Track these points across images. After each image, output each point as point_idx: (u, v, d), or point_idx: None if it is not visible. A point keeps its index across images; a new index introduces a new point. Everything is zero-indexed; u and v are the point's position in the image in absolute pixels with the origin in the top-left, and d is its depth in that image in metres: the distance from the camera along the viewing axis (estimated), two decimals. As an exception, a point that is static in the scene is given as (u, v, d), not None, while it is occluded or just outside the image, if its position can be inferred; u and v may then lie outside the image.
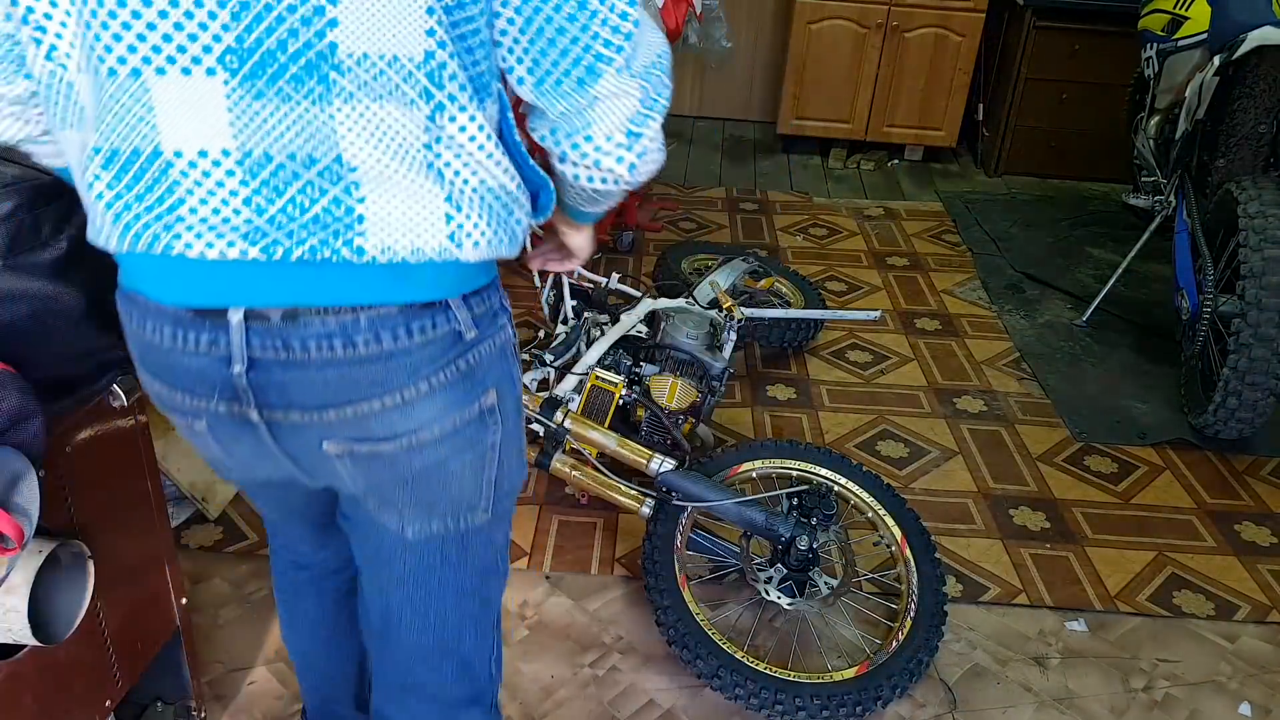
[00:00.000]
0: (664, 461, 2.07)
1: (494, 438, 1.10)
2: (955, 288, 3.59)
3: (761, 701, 1.78)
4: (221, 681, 1.86)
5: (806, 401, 2.85)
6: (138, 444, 1.47)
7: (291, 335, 0.96)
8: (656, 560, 1.98)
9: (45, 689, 1.31)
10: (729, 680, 1.80)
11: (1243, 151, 2.87)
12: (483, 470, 1.12)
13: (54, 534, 1.28)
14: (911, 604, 1.98)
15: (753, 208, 4.23)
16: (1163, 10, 3.13)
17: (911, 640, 1.91)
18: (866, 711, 1.80)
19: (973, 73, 4.59)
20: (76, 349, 1.25)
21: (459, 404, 1.05)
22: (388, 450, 1.05)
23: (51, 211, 1.18)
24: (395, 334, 0.98)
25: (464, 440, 1.07)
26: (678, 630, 1.87)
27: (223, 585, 2.08)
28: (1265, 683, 2.00)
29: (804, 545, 1.94)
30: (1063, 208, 4.37)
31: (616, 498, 2.14)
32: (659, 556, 1.99)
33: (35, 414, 1.11)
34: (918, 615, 1.96)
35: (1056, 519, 2.43)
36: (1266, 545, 2.38)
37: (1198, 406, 2.72)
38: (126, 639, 1.48)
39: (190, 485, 2.20)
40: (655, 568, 1.97)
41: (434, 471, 1.08)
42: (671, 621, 1.88)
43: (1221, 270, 2.71)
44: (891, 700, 1.83)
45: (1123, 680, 1.99)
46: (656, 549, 2.00)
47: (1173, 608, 2.18)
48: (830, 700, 1.78)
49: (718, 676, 1.81)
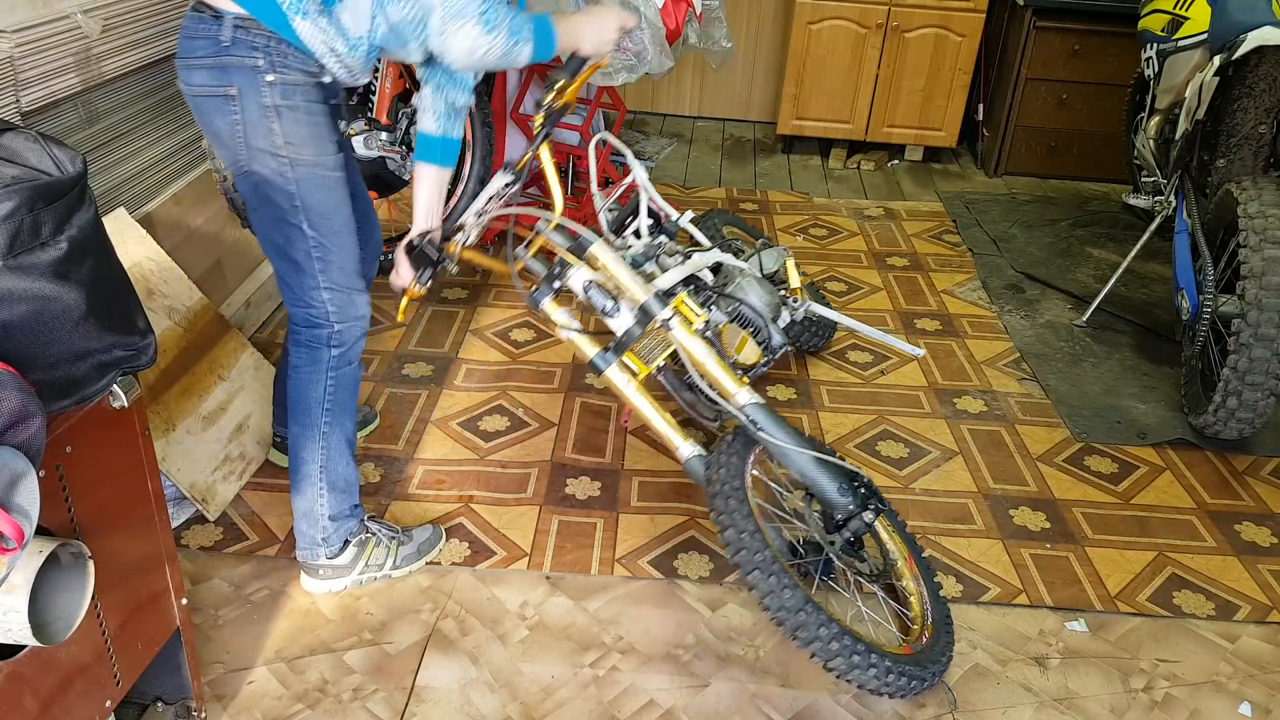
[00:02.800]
0: (753, 393, 2.01)
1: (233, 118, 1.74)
2: (955, 288, 3.59)
3: (839, 649, 1.74)
4: (221, 681, 1.87)
5: (807, 401, 2.85)
6: (138, 444, 1.47)
7: None
8: (727, 493, 1.87)
9: (45, 689, 1.31)
10: (811, 619, 1.74)
11: (1243, 151, 2.87)
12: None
13: (54, 534, 1.28)
14: (928, 611, 1.99)
15: (753, 208, 4.23)
16: (1163, 10, 3.13)
17: (937, 639, 1.94)
18: (920, 688, 1.82)
19: (973, 73, 4.60)
20: (76, 349, 1.25)
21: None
22: None
23: (51, 211, 1.18)
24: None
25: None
26: (755, 561, 1.77)
27: (223, 585, 2.09)
28: (1265, 683, 2.00)
29: (869, 519, 1.90)
30: (1063, 208, 4.37)
31: (664, 427, 2.05)
32: (729, 489, 1.88)
33: (35, 414, 1.11)
34: (935, 621, 1.98)
35: (1056, 519, 2.43)
36: (1266, 545, 2.38)
37: (1198, 406, 2.72)
38: (126, 639, 1.48)
39: (190, 485, 2.20)
40: (727, 502, 1.86)
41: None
42: (751, 551, 1.78)
43: (1221, 270, 2.71)
44: (927, 687, 1.85)
45: (1123, 680, 1.99)
46: (726, 481, 1.89)
47: (1173, 608, 2.18)
48: (893, 667, 1.78)
49: (803, 612, 1.74)
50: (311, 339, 1.94)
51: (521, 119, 3.58)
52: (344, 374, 1.96)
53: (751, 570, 1.79)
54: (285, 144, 1.75)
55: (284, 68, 1.71)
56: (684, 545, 2.27)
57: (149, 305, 2.25)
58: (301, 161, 1.77)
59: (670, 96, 5.30)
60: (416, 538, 2.16)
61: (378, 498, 2.36)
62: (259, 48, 1.69)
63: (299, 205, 1.80)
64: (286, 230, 1.84)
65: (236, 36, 1.69)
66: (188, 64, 1.75)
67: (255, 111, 1.73)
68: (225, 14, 1.69)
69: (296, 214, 1.81)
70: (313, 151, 1.78)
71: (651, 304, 2.02)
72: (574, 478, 2.48)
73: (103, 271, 1.28)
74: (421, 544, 2.16)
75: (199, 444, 2.27)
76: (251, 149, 1.76)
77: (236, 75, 1.71)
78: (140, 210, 2.52)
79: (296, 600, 2.06)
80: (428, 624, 2.02)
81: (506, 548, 2.23)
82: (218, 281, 2.83)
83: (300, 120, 1.75)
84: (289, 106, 1.74)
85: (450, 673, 1.91)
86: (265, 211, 1.84)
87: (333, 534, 2.03)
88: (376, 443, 2.55)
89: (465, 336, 3.09)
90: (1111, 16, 4.28)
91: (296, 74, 1.72)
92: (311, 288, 1.89)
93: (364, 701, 1.83)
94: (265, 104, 1.72)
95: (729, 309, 2.41)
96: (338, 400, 1.97)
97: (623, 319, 2.05)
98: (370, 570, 2.09)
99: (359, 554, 2.07)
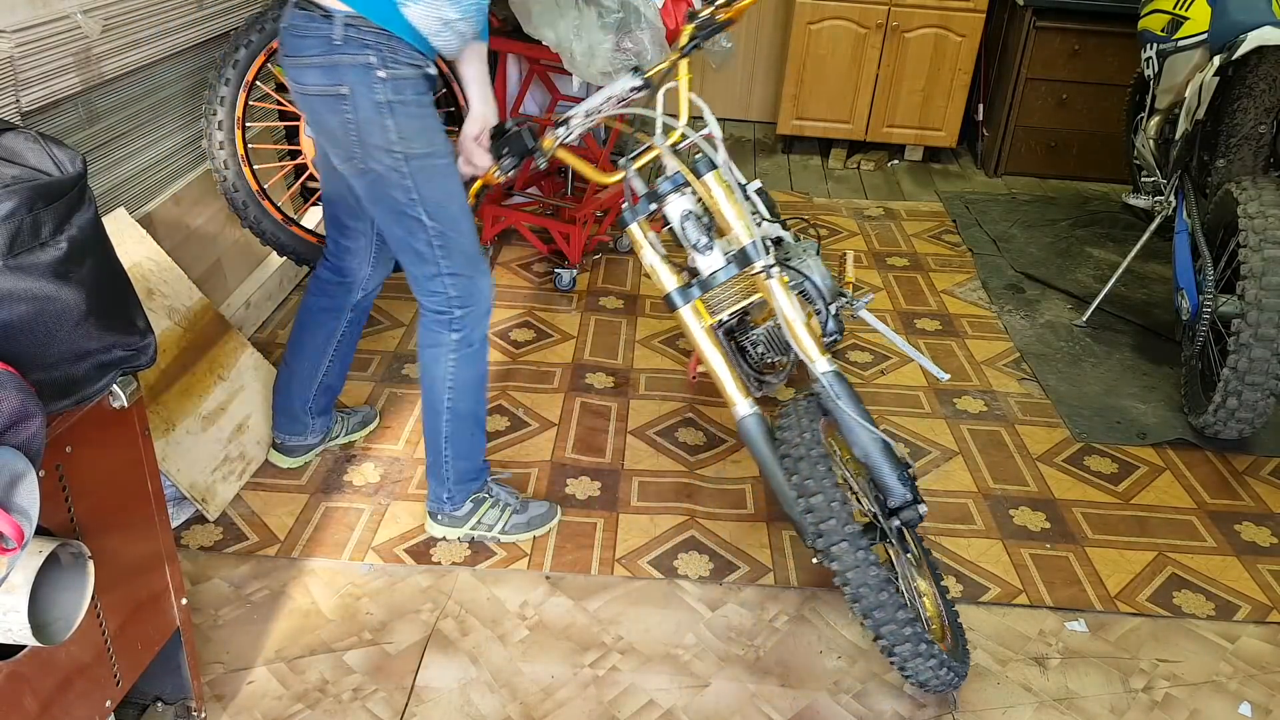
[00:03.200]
0: (834, 362, 1.94)
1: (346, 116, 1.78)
2: (955, 288, 3.59)
3: (909, 636, 1.72)
4: (221, 681, 1.87)
5: (806, 401, 2.85)
6: (138, 444, 1.47)
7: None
8: (814, 458, 1.80)
9: (45, 689, 1.31)
10: (890, 601, 1.70)
11: (1243, 151, 2.87)
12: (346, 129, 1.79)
13: (54, 534, 1.28)
14: (942, 612, 1.99)
15: (753, 208, 4.22)
16: (1163, 10, 3.13)
17: (957, 640, 1.94)
18: (958, 685, 1.82)
19: (973, 73, 4.60)
20: (76, 349, 1.25)
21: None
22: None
23: (51, 211, 1.18)
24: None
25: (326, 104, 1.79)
26: (844, 533, 1.72)
27: (223, 585, 2.09)
28: (1265, 683, 2.00)
29: (922, 511, 1.86)
30: (1063, 208, 4.37)
31: (728, 379, 1.98)
32: (816, 455, 1.81)
33: (35, 414, 1.11)
34: (950, 622, 1.98)
35: (1056, 519, 2.43)
36: (1266, 545, 2.38)
37: (1198, 406, 2.72)
38: (126, 639, 1.48)
39: (190, 485, 2.20)
40: (814, 467, 1.79)
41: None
42: (840, 522, 1.73)
43: (1221, 270, 2.71)
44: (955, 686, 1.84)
45: (1123, 680, 1.99)
46: (811, 446, 1.83)
47: (1173, 608, 2.18)
48: (945, 661, 1.76)
49: (885, 593, 1.70)
50: (436, 323, 2.00)
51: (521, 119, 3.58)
52: (465, 354, 2.02)
53: (838, 541, 1.73)
54: (399, 139, 1.78)
55: (394, 63, 1.75)
56: (684, 545, 2.27)
57: (149, 305, 2.25)
58: (415, 155, 1.81)
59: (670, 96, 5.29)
60: (531, 510, 2.24)
61: (378, 498, 2.36)
62: (370, 45, 1.73)
63: (416, 198, 1.84)
64: (406, 223, 1.87)
65: (348, 35, 1.72)
66: (298, 63, 1.78)
67: (368, 109, 1.76)
68: (335, 13, 1.72)
69: (414, 206, 1.85)
70: (425, 144, 1.81)
71: (757, 248, 1.94)
72: (574, 478, 2.48)
73: (103, 271, 1.28)
74: (534, 517, 2.24)
75: (199, 444, 2.27)
76: (366, 146, 1.79)
77: (348, 74, 1.74)
78: (140, 210, 2.52)
79: (296, 600, 2.06)
80: (428, 624, 2.02)
81: (506, 547, 2.23)
82: (218, 281, 2.83)
83: (412, 114, 1.79)
84: (400, 102, 1.77)
85: (450, 673, 1.91)
86: (383, 206, 1.88)
87: (457, 494, 2.16)
88: (376, 443, 2.55)
89: (465, 336, 3.09)
90: (1111, 16, 4.28)
91: (405, 68, 1.76)
92: (434, 275, 1.93)
93: (364, 701, 1.83)
94: (378, 101, 1.75)
95: (794, 282, 2.32)
96: (459, 378, 2.04)
97: (712, 259, 1.98)
98: (480, 529, 2.20)
99: (473, 510, 2.19)
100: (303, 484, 2.39)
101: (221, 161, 2.63)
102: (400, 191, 1.84)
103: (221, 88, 2.59)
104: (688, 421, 2.73)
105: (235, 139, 2.63)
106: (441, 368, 2.02)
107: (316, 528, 2.25)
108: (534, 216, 3.53)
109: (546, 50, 3.06)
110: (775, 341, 2.20)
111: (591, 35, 2.88)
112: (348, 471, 2.44)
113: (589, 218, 3.50)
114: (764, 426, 1.97)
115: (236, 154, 2.64)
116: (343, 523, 2.27)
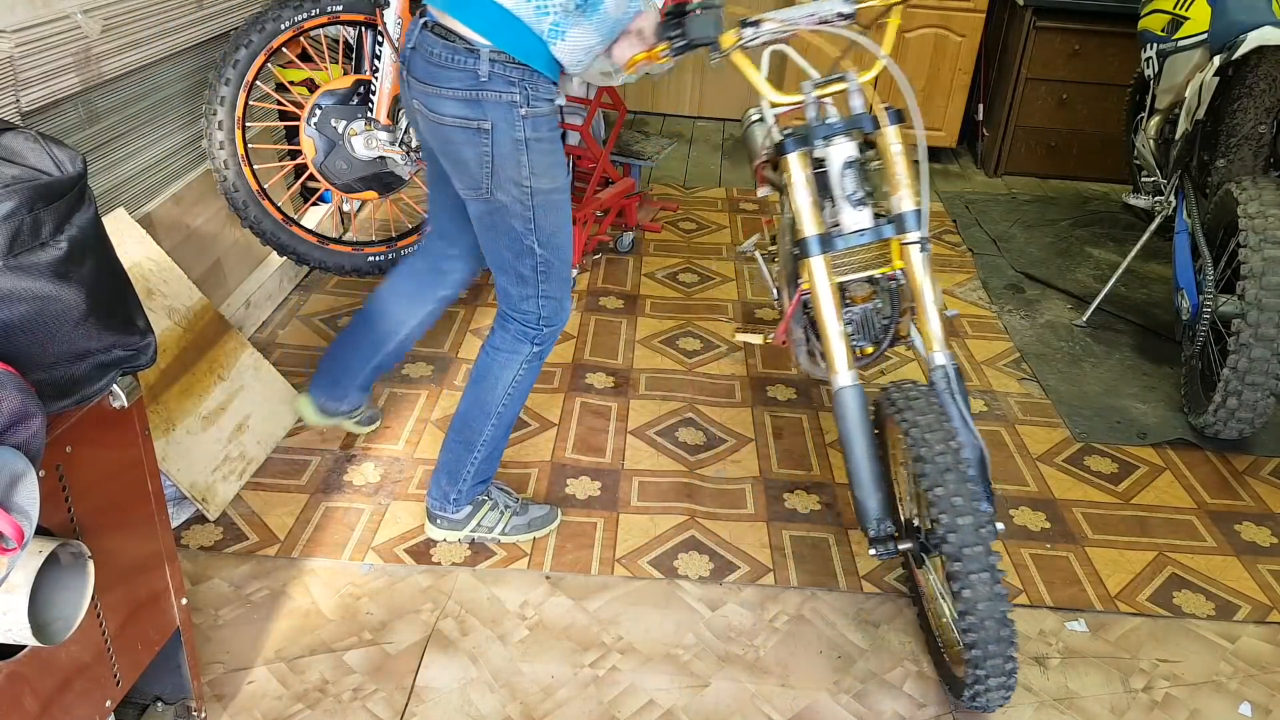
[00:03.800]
0: (951, 355, 1.88)
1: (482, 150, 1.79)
2: (955, 288, 3.59)
3: (1004, 652, 1.66)
4: (221, 681, 1.87)
5: (806, 401, 2.85)
6: (138, 444, 1.47)
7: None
8: (923, 435, 1.74)
9: (45, 689, 1.31)
10: (1003, 609, 1.64)
11: (1243, 151, 2.87)
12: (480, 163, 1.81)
13: (54, 534, 1.28)
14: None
15: (753, 208, 4.23)
16: (1163, 10, 3.13)
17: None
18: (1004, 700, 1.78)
19: (973, 73, 4.60)
20: (76, 349, 1.25)
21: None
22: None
23: (51, 211, 1.18)
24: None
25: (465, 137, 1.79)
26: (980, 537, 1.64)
27: (223, 585, 2.09)
28: (1265, 683, 2.00)
29: (1001, 529, 1.76)
30: (1063, 208, 4.37)
31: (838, 342, 1.88)
32: (931, 435, 1.73)
33: (35, 414, 1.11)
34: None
35: (1056, 519, 2.43)
36: (1266, 545, 2.38)
37: (1198, 406, 2.72)
38: (126, 639, 1.48)
39: (190, 485, 2.20)
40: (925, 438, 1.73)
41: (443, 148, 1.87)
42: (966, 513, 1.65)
43: (1221, 270, 2.71)
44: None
45: (1123, 680, 1.99)
46: (929, 425, 1.75)
47: (1173, 608, 2.18)
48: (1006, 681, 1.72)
49: (1001, 603, 1.64)
50: (519, 334, 2.04)
51: (521, 119, 3.58)
52: (534, 367, 2.08)
53: (974, 544, 1.63)
54: (529, 174, 1.81)
55: (535, 100, 1.76)
56: (684, 545, 2.27)
57: (149, 305, 2.25)
58: (541, 190, 1.84)
59: (670, 97, 5.30)
60: (532, 513, 2.26)
61: (378, 498, 2.36)
62: (514, 82, 1.73)
63: (533, 228, 1.88)
64: (517, 249, 1.91)
65: (494, 71, 1.72)
66: (438, 93, 1.77)
67: (507, 145, 1.78)
68: (480, 48, 1.71)
69: (529, 236, 1.89)
70: (550, 179, 1.85)
71: (921, 217, 1.84)
72: (574, 478, 2.48)
73: (103, 271, 1.28)
74: (534, 519, 2.26)
75: (199, 444, 2.27)
76: (497, 179, 1.82)
77: (492, 110, 1.75)
78: (140, 210, 2.52)
79: (296, 600, 2.06)
80: (428, 624, 2.02)
81: (506, 547, 2.23)
82: (218, 281, 2.83)
83: (545, 151, 1.82)
84: (536, 139, 1.79)
85: (450, 673, 1.91)
86: (498, 233, 1.91)
87: (464, 496, 2.16)
88: (376, 443, 2.55)
89: (465, 336, 3.09)
90: (1111, 16, 4.28)
91: (544, 105, 1.78)
92: (530, 297, 1.98)
93: (364, 701, 1.83)
94: (517, 138, 1.78)
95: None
96: (520, 388, 2.09)
97: (860, 217, 1.88)
98: (481, 530, 2.22)
99: (473, 513, 2.20)
100: (303, 484, 2.39)
101: (221, 161, 2.63)
102: (520, 222, 1.87)
103: (221, 88, 2.60)
104: (688, 421, 2.73)
105: (235, 139, 2.63)
106: (510, 374, 2.06)
107: (316, 528, 2.25)
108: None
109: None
110: (870, 326, 2.03)
111: (591, 35, 2.87)
112: (348, 471, 2.44)
113: (589, 218, 3.50)
114: (863, 401, 1.87)
115: (236, 154, 2.64)
116: (343, 523, 2.27)
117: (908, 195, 1.87)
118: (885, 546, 1.84)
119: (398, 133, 2.74)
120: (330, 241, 2.81)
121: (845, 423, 1.87)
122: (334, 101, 2.73)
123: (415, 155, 2.76)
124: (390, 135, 2.73)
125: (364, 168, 2.78)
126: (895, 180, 1.90)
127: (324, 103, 2.73)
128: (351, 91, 2.76)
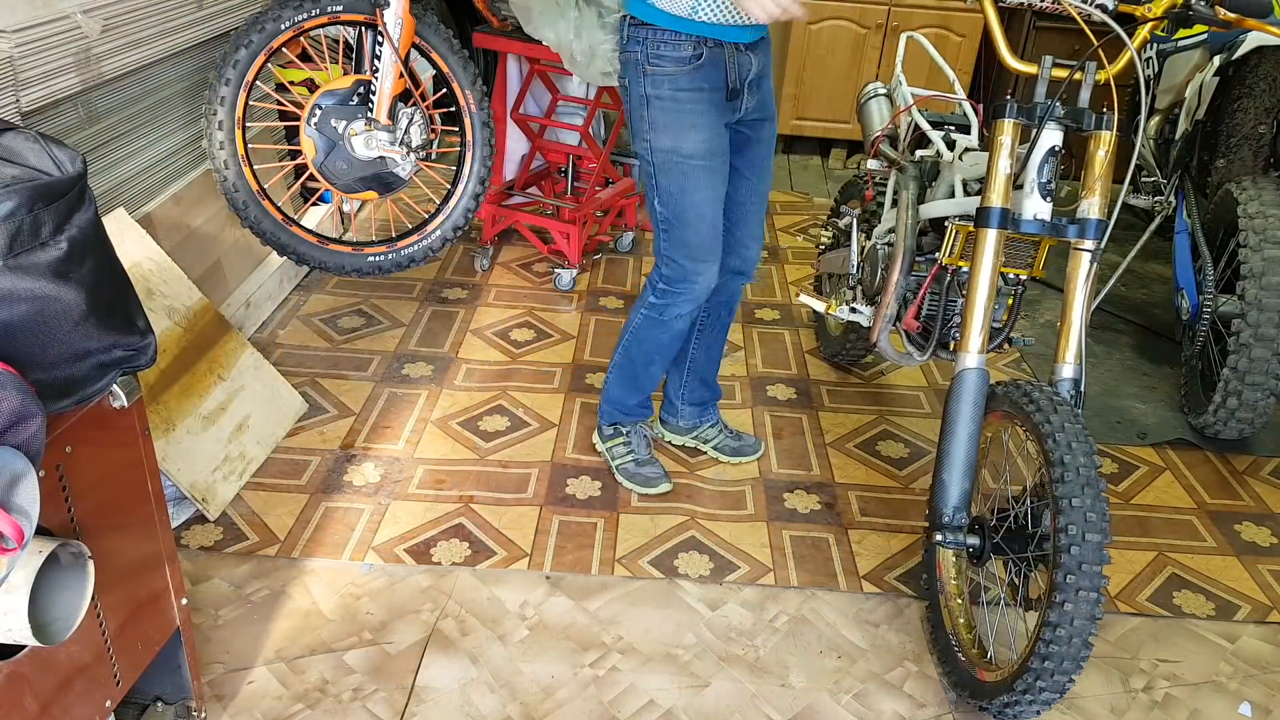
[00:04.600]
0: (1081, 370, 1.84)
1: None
2: (955, 288, 3.58)
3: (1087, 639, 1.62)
4: (221, 681, 1.87)
5: (806, 402, 2.85)
6: (138, 444, 1.47)
7: None
8: (1068, 443, 1.68)
9: (45, 689, 1.31)
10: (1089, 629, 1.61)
11: (1243, 151, 2.87)
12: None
13: (54, 534, 1.28)
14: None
15: (753, 208, 4.22)
16: (1163, 10, 3.12)
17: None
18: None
19: (973, 73, 4.59)
20: (76, 349, 1.25)
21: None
22: None
23: (51, 211, 1.18)
24: None
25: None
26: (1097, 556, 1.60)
27: (223, 585, 2.09)
28: (1265, 683, 2.00)
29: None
30: (1063, 208, 4.36)
31: (980, 325, 1.85)
32: (1077, 444, 1.68)
33: (35, 414, 1.11)
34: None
35: (1056, 519, 2.43)
36: (1266, 545, 2.38)
37: (1198, 406, 2.72)
38: (126, 639, 1.48)
39: (190, 485, 2.20)
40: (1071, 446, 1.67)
41: None
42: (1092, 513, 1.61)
43: (1221, 270, 2.71)
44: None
45: (1123, 680, 1.99)
46: (1076, 435, 1.70)
47: (1173, 608, 2.18)
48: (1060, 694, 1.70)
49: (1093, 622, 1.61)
50: (650, 279, 2.24)
51: (521, 119, 3.58)
52: (652, 319, 2.24)
53: (1095, 565, 1.60)
54: (649, 129, 2.03)
55: (657, 58, 1.96)
56: (684, 545, 2.27)
57: (149, 305, 2.25)
58: (661, 149, 2.03)
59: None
60: (648, 471, 2.44)
61: (378, 498, 2.36)
62: (640, 41, 1.96)
63: (654, 185, 2.09)
64: (651, 198, 2.13)
65: (628, 34, 1.98)
66: (620, 59, 2.06)
67: (636, 100, 2.03)
68: (625, 15, 1.99)
69: (653, 190, 2.10)
70: (670, 138, 2.02)
71: (1102, 228, 1.87)
72: (574, 478, 2.48)
73: (103, 271, 1.28)
74: (651, 477, 2.43)
75: (199, 444, 2.27)
76: (633, 130, 2.07)
77: (627, 69, 2.02)
78: (140, 210, 2.52)
79: (296, 600, 2.06)
80: (428, 624, 2.02)
81: (506, 548, 2.23)
82: (218, 281, 2.83)
83: (665, 109, 1.99)
84: (656, 96, 1.99)
85: (450, 673, 1.91)
86: (642, 181, 2.21)
87: (602, 414, 2.47)
88: (376, 443, 2.56)
89: (465, 336, 3.09)
90: (1111, 16, 4.27)
91: (668, 64, 1.96)
92: (661, 251, 2.17)
93: (364, 701, 1.83)
94: (640, 94, 2.01)
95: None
96: (639, 335, 2.29)
97: (1044, 207, 1.88)
98: (608, 455, 2.48)
99: (612, 436, 2.47)
100: (303, 484, 2.39)
101: (222, 161, 2.63)
102: (645, 176, 2.11)
103: (221, 88, 2.60)
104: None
105: (235, 139, 2.63)
106: (636, 315, 2.28)
107: (317, 528, 2.25)
108: (534, 216, 3.53)
109: (546, 50, 3.06)
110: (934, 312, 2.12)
111: (591, 35, 2.88)
112: (348, 471, 2.44)
113: (589, 218, 3.50)
114: (985, 387, 1.84)
115: (236, 154, 2.64)
116: (343, 523, 2.27)
117: (1098, 204, 1.85)
118: (955, 536, 1.82)
119: (398, 133, 2.74)
120: (330, 241, 2.81)
121: (959, 403, 1.84)
122: (334, 102, 2.73)
123: (415, 155, 2.76)
124: (390, 135, 2.73)
125: (364, 168, 2.77)
126: (1092, 185, 1.90)
127: (324, 103, 2.73)
128: (351, 92, 2.76)
